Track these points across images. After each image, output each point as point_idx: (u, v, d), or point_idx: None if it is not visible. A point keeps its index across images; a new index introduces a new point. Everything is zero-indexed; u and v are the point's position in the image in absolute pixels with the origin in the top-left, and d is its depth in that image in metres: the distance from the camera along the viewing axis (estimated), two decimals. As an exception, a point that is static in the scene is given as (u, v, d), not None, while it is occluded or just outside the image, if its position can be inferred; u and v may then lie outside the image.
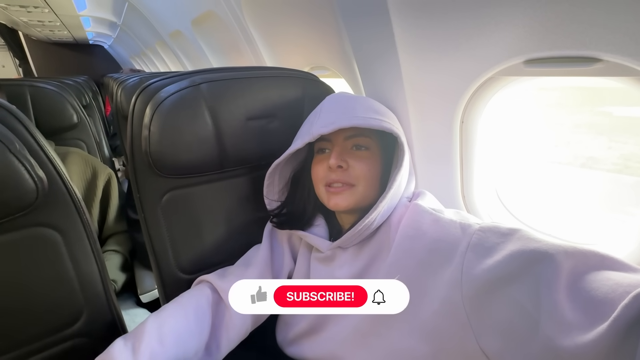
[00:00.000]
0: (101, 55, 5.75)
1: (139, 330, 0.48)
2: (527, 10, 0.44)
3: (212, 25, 1.49)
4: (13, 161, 0.45)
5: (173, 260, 0.66)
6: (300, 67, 1.14)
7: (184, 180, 0.65)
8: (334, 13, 0.80)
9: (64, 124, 1.30)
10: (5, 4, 2.48)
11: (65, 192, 0.54)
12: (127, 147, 0.62)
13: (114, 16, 3.16)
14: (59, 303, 0.56)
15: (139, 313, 1.02)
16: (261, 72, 0.68)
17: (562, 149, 0.80)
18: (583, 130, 0.77)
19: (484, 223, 0.43)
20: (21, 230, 0.51)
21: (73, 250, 0.56)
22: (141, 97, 0.60)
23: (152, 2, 1.96)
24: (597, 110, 0.72)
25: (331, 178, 0.52)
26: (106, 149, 1.82)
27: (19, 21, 3.24)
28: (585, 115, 0.75)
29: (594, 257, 0.34)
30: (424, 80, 0.64)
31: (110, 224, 1.13)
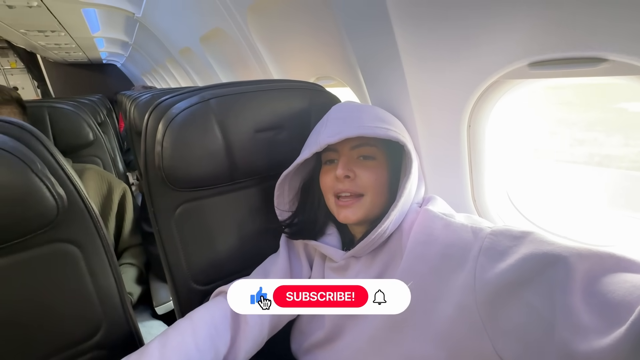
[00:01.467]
0: (114, 73, 5.96)
1: (143, 351, 0.48)
2: (528, 14, 0.45)
3: (220, 41, 1.54)
4: (35, 180, 0.47)
5: (187, 272, 0.68)
6: (306, 78, 1.16)
7: (196, 193, 0.67)
8: (336, 24, 0.82)
9: (81, 141, 1.34)
10: (25, 30, 2.61)
11: (83, 208, 0.56)
12: (141, 162, 0.64)
13: (126, 36, 3.29)
14: (79, 316, 0.57)
15: (154, 325, 1.03)
16: (268, 85, 0.69)
17: (576, 148, 0.78)
18: (598, 128, 0.75)
19: (495, 226, 0.43)
20: (42, 247, 0.53)
21: (91, 264, 0.58)
22: (154, 114, 0.63)
23: (162, 21, 2.03)
24: (611, 107, 0.70)
25: (339, 188, 0.52)
26: (120, 164, 1.87)
27: (37, 45, 3.40)
28: (599, 112, 0.73)
29: (609, 259, 0.33)
30: (428, 85, 0.64)
31: (125, 237, 1.16)
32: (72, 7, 1.98)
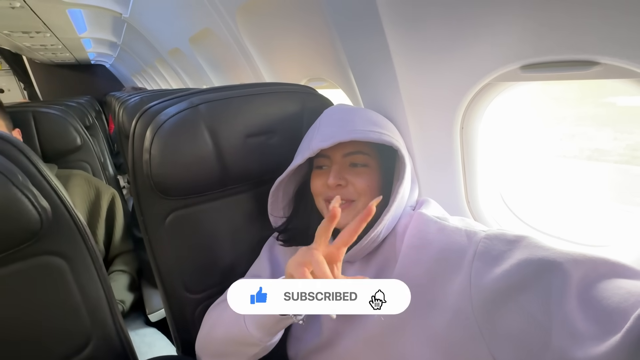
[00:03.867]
0: (103, 74, 5.85)
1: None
2: (519, 17, 0.44)
3: (210, 42, 1.51)
4: (16, 193, 0.45)
5: (179, 280, 0.66)
6: (298, 79, 1.15)
7: (187, 201, 0.65)
8: (327, 24, 0.81)
9: (68, 147, 1.31)
10: (8, 31, 2.55)
11: (69, 219, 0.54)
12: (130, 170, 0.62)
13: (113, 36, 3.23)
14: (67, 330, 0.56)
15: (148, 333, 1.02)
16: (259, 89, 0.68)
17: (566, 142, 0.79)
18: (587, 122, 0.76)
19: (489, 230, 0.43)
20: (27, 260, 0.51)
21: (79, 276, 0.56)
22: (141, 120, 0.61)
23: (150, 22, 2.00)
24: (601, 101, 0.71)
25: (330, 195, 0.52)
26: (110, 167, 1.83)
27: (22, 46, 3.32)
28: (589, 107, 0.74)
29: (603, 264, 0.34)
30: (420, 88, 0.64)
31: (116, 243, 1.14)
32: (57, 8, 1.93)
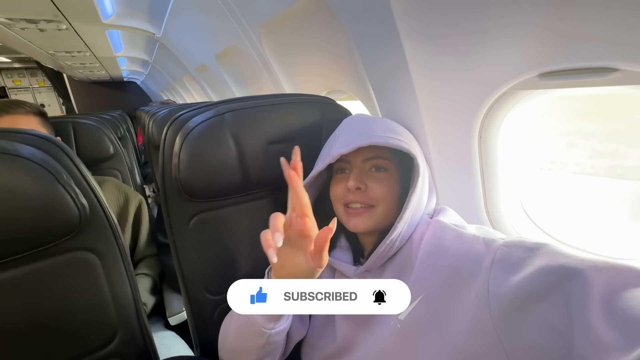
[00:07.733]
0: (134, 90, 6.21)
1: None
2: (535, 26, 0.45)
3: (235, 58, 1.59)
4: (60, 190, 0.50)
5: (200, 281, 0.69)
6: (318, 91, 1.18)
7: (210, 204, 0.68)
8: (346, 39, 0.84)
9: (102, 155, 1.40)
10: (53, 51, 2.78)
11: (103, 217, 0.58)
12: (159, 174, 0.66)
13: (146, 55, 3.44)
14: (96, 323, 0.59)
15: (167, 335, 1.04)
16: (280, 99, 0.71)
17: (596, 160, 0.76)
18: (619, 139, 0.73)
19: (508, 238, 0.42)
20: (65, 254, 0.55)
21: (109, 272, 0.60)
22: (172, 128, 0.65)
23: (180, 41, 2.13)
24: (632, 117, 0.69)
25: (349, 199, 0.53)
26: (138, 176, 1.92)
27: (64, 65, 3.60)
28: (619, 123, 0.72)
29: (628, 272, 0.32)
30: (438, 97, 0.65)
31: (141, 247, 1.18)
32: (98, 29, 2.10)
